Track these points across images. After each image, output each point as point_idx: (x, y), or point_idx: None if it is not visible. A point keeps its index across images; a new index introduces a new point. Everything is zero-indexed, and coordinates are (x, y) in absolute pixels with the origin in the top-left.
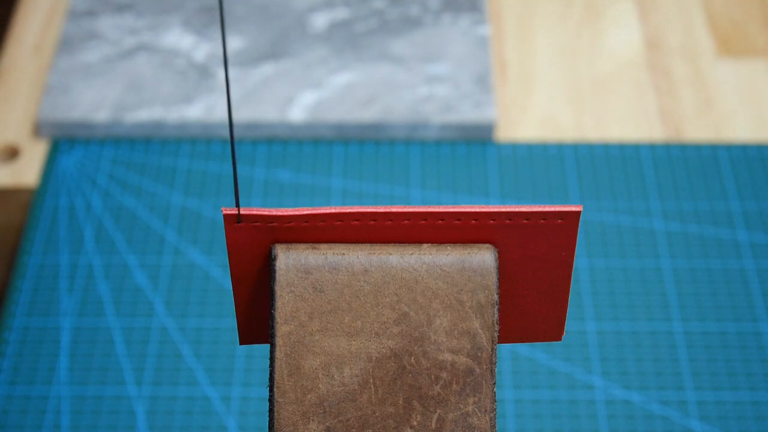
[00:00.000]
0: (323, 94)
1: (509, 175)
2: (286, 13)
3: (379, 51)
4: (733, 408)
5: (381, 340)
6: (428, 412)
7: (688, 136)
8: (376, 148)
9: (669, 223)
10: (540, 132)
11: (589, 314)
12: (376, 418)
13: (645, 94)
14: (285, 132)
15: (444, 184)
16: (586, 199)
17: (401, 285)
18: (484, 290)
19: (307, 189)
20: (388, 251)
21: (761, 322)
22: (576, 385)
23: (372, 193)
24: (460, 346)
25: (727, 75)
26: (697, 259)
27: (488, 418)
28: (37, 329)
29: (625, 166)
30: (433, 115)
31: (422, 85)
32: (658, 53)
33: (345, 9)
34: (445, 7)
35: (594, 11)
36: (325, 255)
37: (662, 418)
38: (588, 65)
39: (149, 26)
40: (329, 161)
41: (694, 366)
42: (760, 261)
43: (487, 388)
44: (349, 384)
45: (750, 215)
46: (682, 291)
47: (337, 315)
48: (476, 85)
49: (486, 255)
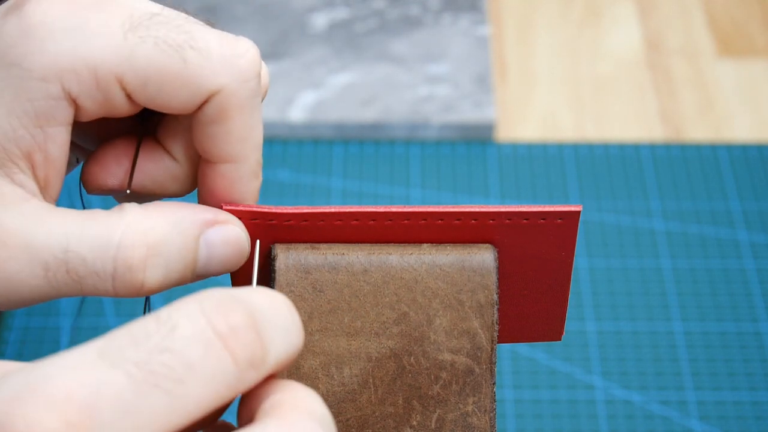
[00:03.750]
0: (323, 94)
1: (509, 175)
2: (286, 13)
3: (379, 51)
4: (733, 408)
5: (381, 340)
6: (428, 412)
7: (688, 136)
8: (376, 148)
9: (669, 223)
10: (540, 132)
11: (589, 314)
12: (375, 418)
13: (645, 94)
14: (285, 132)
15: (444, 184)
16: (586, 199)
17: (401, 285)
18: (484, 290)
19: (307, 189)
20: (387, 251)
21: (761, 322)
22: (576, 385)
23: (372, 193)
24: (459, 346)
25: (727, 75)
26: (697, 259)
27: (488, 418)
28: (37, 329)
29: (625, 166)
30: (433, 115)
31: (422, 85)
32: (658, 53)
33: (345, 9)
34: (445, 7)
35: (594, 11)
36: (324, 255)
37: (662, 418)
38: (588, 65)
39: None
40: (329, 161)
41: (694, 366)
42: (760, 261)
43: (487, 388)
44: (348, 384)
45: (750, 215)
46: (682, 291)
47: (336, 315)
48: (476, 85)
49: (486, 255)
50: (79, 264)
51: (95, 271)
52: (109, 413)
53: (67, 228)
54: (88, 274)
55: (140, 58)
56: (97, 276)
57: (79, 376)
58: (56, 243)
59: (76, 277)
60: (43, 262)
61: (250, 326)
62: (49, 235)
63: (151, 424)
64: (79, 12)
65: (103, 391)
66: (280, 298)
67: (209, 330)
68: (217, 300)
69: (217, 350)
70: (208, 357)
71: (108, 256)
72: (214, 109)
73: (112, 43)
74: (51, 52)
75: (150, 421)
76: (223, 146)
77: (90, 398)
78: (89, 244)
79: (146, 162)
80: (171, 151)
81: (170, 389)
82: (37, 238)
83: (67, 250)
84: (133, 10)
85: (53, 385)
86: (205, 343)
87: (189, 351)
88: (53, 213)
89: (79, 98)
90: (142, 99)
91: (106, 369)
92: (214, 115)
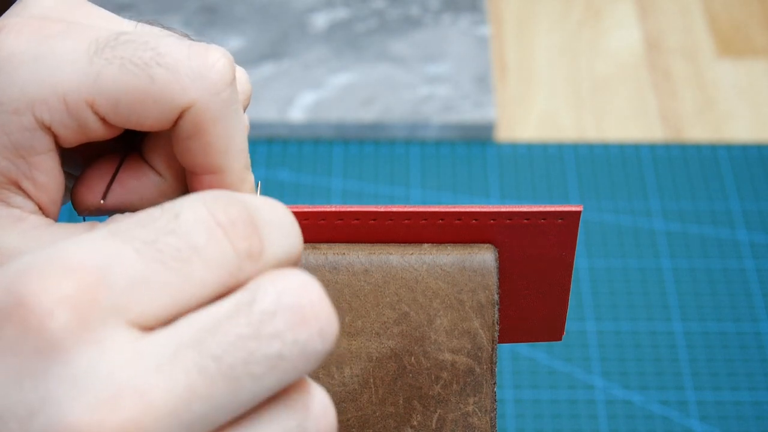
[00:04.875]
0: (323, 94)
1: (509, 175)
2: (286, 13)
3: (379, 51)
4: (733, 408)
5: (381, 340)
6: (428, 412)
7: (688, 136)
8: (376, 148)
9: (669, 223)
10: (540, 132)
11: (589, 314)
12: (376, 418)
13: (645, 94)
14: (285, 132)
15: (444, 184)
16: (586, 199)
17: (401, 285)
18: (485, 290)
19: (307, 189)
20: (388, 251)
21: (761, 322)
22: (576, 385)
23: (372, 193)
24: (460, 346)
25: (727, 75)
26: (697, 259)
27: (488, 418)
28: None
29: (625, 166)
30: (433, 115)
31: (422, 85)
32: (658, 53)
33: (345, 9)
34: (445, 7)
35: (594, 11)
36: (325, 255)
37: (662, 418)
38: (588, 65)
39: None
40: (329, 161)
41: (694, 366)
42: (760, 261)
43: (488, 388)
44: (349, 384)
45: (750, 215)
46: (682, 291)
47: (337, 315)
48: (476, 85)
49: (486, 255)
50: None
51: None
52: (122, 280)
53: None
54: None
55: (107, 81)
56: None
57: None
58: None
59: None
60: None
61: (249, 221)
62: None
63: (159, 298)
64: (46, 41)
65: (115, 261)
66: (280, 205)
67: (211, 219)
68: (217, 195)
69: (218, 237)
70: (210, 242)
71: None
72: (188, 124)
73: (78, 68)
74: (19, 84)
75: (159, 294)
76: (203, 159)
77: (102, 266)
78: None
79: (130, 179)
80: (155, 167)
81: (177, 268)
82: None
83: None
84: (99, 32)
85: (67, 255)
86: (208, 230)
87: (193, 234)
88: (53, 228)
89: (53, 126)
90: (117, 120)
91: (117, 244)
92: (190, 130)
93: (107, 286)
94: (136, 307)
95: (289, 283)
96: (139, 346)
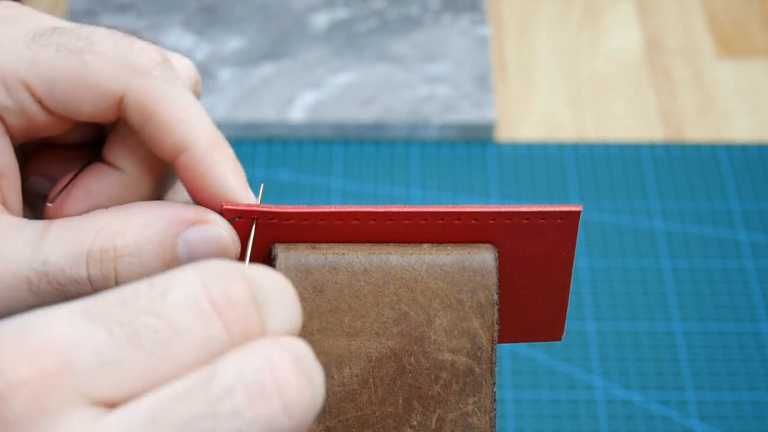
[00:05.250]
0: (323, 94)
1: (509, 175)
2: (286, 13)
3: (379, 51)
4: (733, 408)
5: (381, 340)
6: (428, 412)
7: (688, 136)
8: (376, 148)
9: (669, 223)
10: (540, 132)
11: (589, 314)
12: (375, 418)
13: (645, 94)
14: (285, 132)
15: (444, 184)
16: (586, 199)
17: (401, 285)
18: (484, 290)
19: (307, 189)
20: (388, 251)
21: (761, 322)
22: (576, 385)
23: (372, 193)
24: (460, 346)
25: (727, 75)
26: (697, 259)
27: (488, 418)
28: None
29: (625, 166)
30: (433, 115)
31: (422, 85)
32: (658, 53)
33: (345, 9)
34: (445, 7)
35: (594, 11)
36: (325, 255)
37: (662, 418)
38: (588, 65)
39: (149, 26)
40: (329, 161)
41: (694, 366)
42: (760, 261)
43: (487, 388)
44: (348, 384)
45: (750, 215)
46: (682, 291)
47: (336, 315)
48: (476, 85)
49: (486, 255)
50: (58, 274)
51: (74, 279)
52: (87, 362)
53: (43, 241)
54: (68, 282)
55: (43, 63)
56: (77, 283)
57: (58, 328)
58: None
59: (57, 286)
60: (25, 277)
61: (250, 300)
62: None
63: (129, 378)
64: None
65: (82, 344)
66: (282, 277)
67: (204, 298)
68: (218, 269)
69: (208, 317)
70: (197, 324)
71: (81, 264)
72: (135, 112)
73: (15, 51)
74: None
75: (129, 375)
76: (167, 140)
77: (68, 349)
78: (64, 255)
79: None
80: (115, 163)
81: (153, 350)
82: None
83: (45, 262)
84: (37, 25)
85: (31, 334)
86: (196, 311)
87: (176, 316)
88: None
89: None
90: (53, 105)
91: (87, 324)
92: (140, 117)
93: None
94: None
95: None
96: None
